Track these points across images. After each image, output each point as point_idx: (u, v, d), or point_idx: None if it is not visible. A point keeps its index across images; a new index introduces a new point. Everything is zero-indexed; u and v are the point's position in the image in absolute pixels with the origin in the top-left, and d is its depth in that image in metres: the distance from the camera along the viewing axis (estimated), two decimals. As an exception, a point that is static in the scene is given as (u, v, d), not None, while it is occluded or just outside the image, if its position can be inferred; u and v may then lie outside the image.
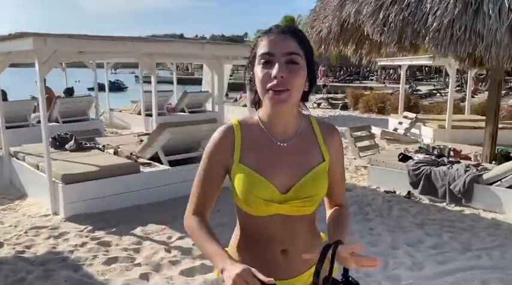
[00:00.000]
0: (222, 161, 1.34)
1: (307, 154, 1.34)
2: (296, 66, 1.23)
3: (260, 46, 1.26)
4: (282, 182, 1.30)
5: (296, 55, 1.23)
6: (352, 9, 4.68)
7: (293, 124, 1.34)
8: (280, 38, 1.24)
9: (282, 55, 1.22)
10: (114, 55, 8.13)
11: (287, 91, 1.22)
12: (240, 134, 1.34)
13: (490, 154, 6.15)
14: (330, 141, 1.38)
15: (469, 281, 3.41)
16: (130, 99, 14.18)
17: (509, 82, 27.69)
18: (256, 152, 1.32)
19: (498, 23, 3.89)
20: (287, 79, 1.21)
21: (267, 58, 1.23)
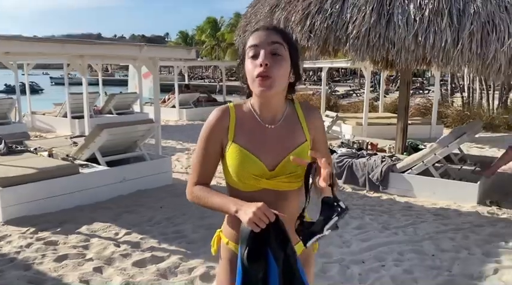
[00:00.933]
0: (219, 138, 1.50)
1: (292, 135, 1.50)
2: (279, 57, 1.38)
3: (248, 41, 1.42)
4: (270, 160, 1.45)
5: (279, 44, 1.39)
6: (281, 16, 5.14)
7: (280, 109, 1.50)
8: (265, 32, 1.42)
9: (268, 45, 1.38)
10: (44, 56, 7.90)
11: (269, 78, 1.36)
12: (235, 115, 1.49)
13: (401, 147, 6.95)
14: (311, 120, 1.55)
15: (388, 253, 3.97)
16: (53, 102, 13.64)
17: (416, 83, 30.37)
18: (248, 133, 1.48)
19: (406, 31, 4.55)
20: (271, 68, 1.36)
21: (254, 50, 1.38)
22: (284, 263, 1.34)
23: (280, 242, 1.34)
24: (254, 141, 1.47)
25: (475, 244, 4.17)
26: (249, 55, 1.40)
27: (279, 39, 1.40)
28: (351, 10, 4.70)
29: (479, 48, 4.36)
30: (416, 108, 13.42)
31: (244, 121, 1.50)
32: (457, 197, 5.47)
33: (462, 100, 14.12)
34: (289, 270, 1.35)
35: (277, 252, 1.34)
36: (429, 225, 4.69)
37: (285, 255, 1.35)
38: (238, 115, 1.50)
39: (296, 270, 1.36)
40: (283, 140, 1.48)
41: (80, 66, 6.84)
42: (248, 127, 1.49)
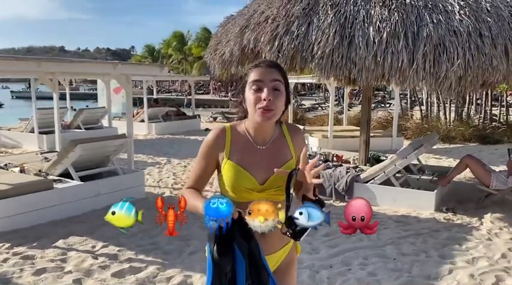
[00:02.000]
0: (215, 154, 1.71)
1: (279, 154, 1.72)
2: (279, 92, 1.63)
3: (251, 75, 1.64)
4: (260, 176, 1.67)
5: (279, 82, 1.63)
6: (251, 37, 5.43)
7: (270, 132, 1.73)
8: (268, 69, 1.64)
9: (270, 81, 1.61)
10: (13, 73, 7.87)
11: (272, 111, 1.61)
12: (231, 136, 1.72)
13: (365, 158, 7.34)
14: (296, 140, 1.78)
15: (354, 258, 4.26)
16: (15, 117, 13.41)
17: (378, 96, 31.43)
18: (241, 152, 1.69)
19: (366, 52, 4.92)
20: (273, 102, 1.60)
21: (258, 84, 1.61)
22: (249, 256, 1.47)
23: (244, 238, 1.46)
24: (247, 159, 1.69)
25: (432, 248, 4.53)
26: (252, 88, 1.62)
27: (279, 76, 1.64)
28: (315, 32, 5.05)
29: (432, 68, 4.79)
30: (378, 121, 14.00)
31: (238, 141, 1.71)
32: (416, 205, 5.86)
33: (421, 114, 14.83)
34: (255, 263, 1.48)
35: (242, 246, 1.46)
36: (391, 231, 5.03)
37: (249, 249, 1.47)
38: (234, 136, 1.72)
39: (261, 262, 1.50)
40: (272, 158, 1.70)
41: (51, 81, 6.89)
42: (242, 146, 1.70)
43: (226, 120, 17.63)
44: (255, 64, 1.68)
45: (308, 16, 5.20)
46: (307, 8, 5.26)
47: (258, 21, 5.50)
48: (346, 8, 5.13)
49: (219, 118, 17.96)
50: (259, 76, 1.62)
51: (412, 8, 5.00)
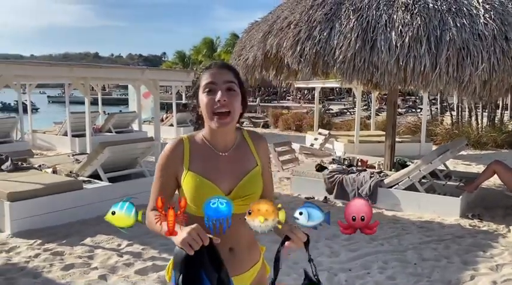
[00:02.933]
0: (173, 168, 1.57)
1: (244, 161, 1.60)
2: (234, 92, 1.53)
3: (203, 78, 1.54)
4: (225, 185, 1.53)
5: (233, 83, 1.53)
6: (274, 42, 5.52)
7: (231, 138, 1.61)
8: (220, 70, 1.54)
9: (223, 83, 1.51)
10: (50, 78, 8.24)
11: (229, 113, 1.50)
12: (189, 146, 1.59)
13: (390, 163, 7.28)
14: (259, 147, 1.67)
15: (373, 262, 4.26)
16: (49, 121, 13.95)
17: (409, 101, 30.92)
18: (203, 161, 1.56)
19: (388, 56, 4.93)
20: (228, 103, 1.49)
21: (211, 87, 1.50)
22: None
23: (215, 266, 1.36)
24: (209, 167, 1.55)
25: (455, 253, 4.47)
26: (205, 90, 1.52)
27: (231, 77, 1.54)
28: (337, 37, 5.10)
29: (456, 72, 4.74)
30: (407, 126, 13.81)
31: (198, 150, 1.59)
32: (441, 211, 5.78)
33: (451, 119, 14.53)
34: None
35: (211, 276, 1.34)
36: (413, 236, 4.99)
37: (219, 279, 1.36)
38: (192, 146, 1.59)
39: None
40: (237, 165, 1.58)
41: (83, 86, 7.17)
42: (202, 155, 1.58)
43: (253, 125, 17.77)
44: (206, 67, 1.60)
45: (330, 21, 5.25)
46: (329, 13, 5.31)
47: (280, 26, 5.59)
48: (368, 12, 5.15)
49: (245, 123, 18.12)
50: (211, 78, 1.52)
51: (435, 12, 4.98)
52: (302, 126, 15.83)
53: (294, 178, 7.07)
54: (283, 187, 7.33)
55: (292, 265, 4.12)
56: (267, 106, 24.69)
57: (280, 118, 17.13)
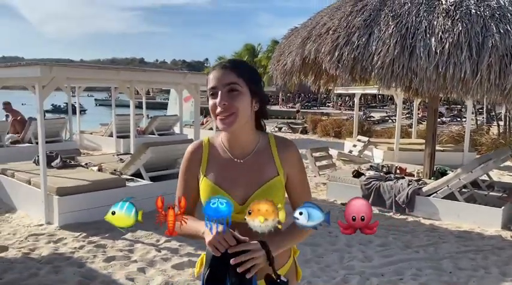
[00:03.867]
0: (194, 170, 1.57)
1: (262, 169, 1.51)
2: (236, 93, 1.43)
3: (208, 82, 1.49)
4: (240, 195, 1.47)
5: (234, 84, 1.44)
6: (312, 48, 5.59)
7: (250, 142, 1.53)
8: (221, 72, 1.46)
9: (223, 86, 1.44)
10: (98, 81, 8.69)
11: (232, 114, 1.43)
12: (208, 150, 1.56)
13: (429, 171, 7.15)
14: (285, 155, 1.54)
15: (407, 269, 4.23)
16: (95, 122, 14.56)
17: (454, 110, 29.98)
18: (219, 168, 1.52)
19: (427, 62, 4.89)
20: (229, 105, 1.42)
21: (213, 91, 1.46)
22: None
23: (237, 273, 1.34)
24: (225, 175, 1.52)
25: (494, 264, 4.36)
26: (210, 94, 1.48)
27: (233, 78, 1.45)
28: (376, 43, 5.10)
29: (498, 79, 4.64)
30: (450, 135, 13.44)
31: (216, 155, 1.56)
32: (481, 221, 5.63)
33: (498, 129, 14.01)
34: None
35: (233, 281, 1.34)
36: (450, 245, 4.89)
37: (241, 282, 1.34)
38: (211, 150, 1.57)
39: None
40: (253, 174, 1.50)
41: (128, 89, 7.51)
42: (219, 161, 1.54)
43: (291, 131, 17.83)
44: (212, 68, 1.52)
45: (369, 27, 5.27)
46: (368, 19, 5.33)
47: (319, 32, 5.66)
48: (408, 19, 5.13)
49: (283, 129, 18.20)
50: (213, 83, 1.47)
51: (478, 18, 4.90)
52: (341, 132, 15.74)
53: (330, 184, 7.08)
54: (319, 192, 7.35)
55: (324, 268, 4.18)
56: (307, 112, 24.66)
57: (319, 124, 17.10)
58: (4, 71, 5.48)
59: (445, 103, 30.86)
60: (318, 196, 7.09)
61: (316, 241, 4.85)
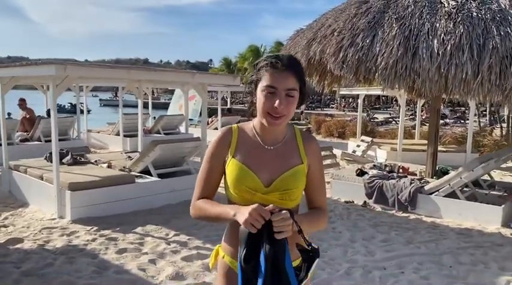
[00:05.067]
0: (222, 154, 1.63)
1: (289, 157, 1.61)
2: (292, 98, 1.53)
3: (264, 77, 1.52)
4: (266, 177, 1.57)
5: (293, 90, 1.52)
6: (317, 49, 5.74)
7: (282, 132, 1.64)
8: (283, 74, 1.50)
9: (284, 90, 1.51)
10: (106, 80, 8.87)
11: (283, 116, 1.53)
12: (237, 135, 1.64)
13: (431, 171, 7.28)
14: (308, 147, 1.66)
15: (408, 263, 4.37)
16: (100, 122, 14.73)
17: (458, 112, 30.01)
18: (248, 151, 1.61)
19: (430, 64, 5.03)
20: (285, 109, 1.51)
21: (270, 90, 1.50)
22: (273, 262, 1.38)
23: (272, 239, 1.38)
24: (253, 158, 1.60)
25: (493, 260, 4.50)
26: (265, 91, 1.52)
27: (293, 83, 1.53)
28: (380, 44, 5.26)
29: (498, 80, 4.78)
30: (453, 136, 13.54)
31: (246, 140, 1.64)
32: (481, 219, 5.76)
33: (501, 130, 14.12)
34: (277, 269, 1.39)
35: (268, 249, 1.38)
36: (451, 242, 5.03)
37: (274, 253, 1.38)
38: (241, 135, 1.65)
39: (284, 270, 1.40)
40: (281, 160, 1.61)
41: (137, 89, 7.68)
42: (249, 145, 1.63)
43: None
44: (271, 64, 1.53)
45: (373, 29, 5.42)
46: (372, 21, 5.48)
47: (324, 34, 5.81)
48: (411, 21, 5.28)
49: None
50: (273, 83, 1.51)
51: (479, 21, 5.04)
52: (345, 133, 15.86)
53: (334, 182, 7.22)
54: (323, 190, 7.49)
55: (328, 261, 4.32)
56: (310, 113, 24.77)
57: (322, 124, 17.24)
58: (19, 70, 5.66)
59: (448, 105, 30.94)
60: (322, 194, 7.23)
61: (321, 236, 4.99)
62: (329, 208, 6.37)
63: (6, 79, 6.25)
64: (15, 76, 6.14)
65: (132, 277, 3.82)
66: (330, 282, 3.84)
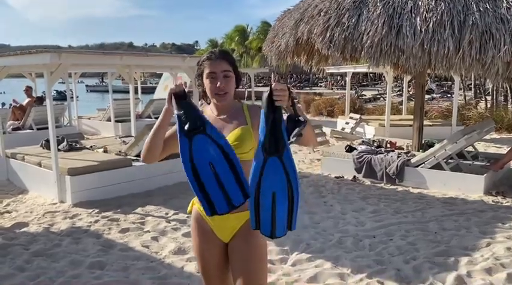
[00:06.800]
0: None
1: (236, 121, 2.05)
2: (229, 78, 2.01)
3: (206, 67, 2.00)
4: None
5: (229, 71, 2.01)
6: (305, 29, 5.89)
7: (229, 107, 2.08)
8: (218, 61, 2.00)
9: (221, 72, 1.99)
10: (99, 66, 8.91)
11: (226, 93, 2.01)
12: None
13: (418, 144, 7.55)
14: (252, 112, 2.06)
15: (396, 231, 4.64)
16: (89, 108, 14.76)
17: (445, 86, 30.41)
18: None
19: (413, 41, 5.22)
20: (226, 87, 2.00)
21: (212, 75, 1.99)
22: (272, 125, 1.75)
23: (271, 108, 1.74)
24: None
25: (475, 225, 4.79)
26: (208, 77, 2.01)
27: (228, 67, 2.01)
28: (365, 23, 5.42)
29: (478, 54, 5.00)
30: (439, 111, 13.85)
31: (206, 116, 2.00)
32: (465, 188, 6.06)
33: (486, 103, 14.45)
34: (275, 131, 1.75)
35: (267, 114, 1.75)
36: (436, 210, 5.32)
37: (274, 118, 1.75)
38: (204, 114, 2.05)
39: (280, 133, 1.75)
40: (229, 124, 2.07)
41: (127, 74, 7.77)
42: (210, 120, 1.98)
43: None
44: (207, 57, 2.03)
45: (358, 8, 5.58)
46: (357, 1, 5.63)
47: (311, 14, 5.95)
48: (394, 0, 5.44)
49: (278, 109, 18.50)
50: (212, 69, 1.99)
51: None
52: (334, 111, 16.09)
53: (324, 159, 7.46)
54: (314, 167, 7.74)
55: (321, 232, 4.57)
56: (299, 93, 24.93)
57: (311, 103, 17.44)
58: (13, 59, 5.74)
59: (435, 80, 31.30)
60: (313, 170, 7.48)
61: (313, 210, 5.25)
62: (320, 184, 6.63)
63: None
64: (8, 66, 6.21)
65: (137, 253, 4.04)
66: (323, 251, 4.09)
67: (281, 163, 1.78)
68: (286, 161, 1.78)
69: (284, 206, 1.80)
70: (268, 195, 1.79)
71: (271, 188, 1.79)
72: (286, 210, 1.81)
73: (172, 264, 3.83)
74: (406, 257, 3.94)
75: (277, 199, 1.79)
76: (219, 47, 3.88)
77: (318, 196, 5.97)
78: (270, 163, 1.78)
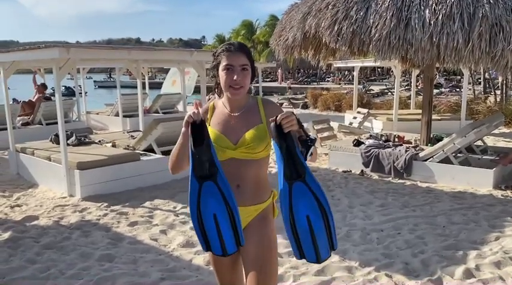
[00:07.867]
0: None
1: (250, 119, 2.00)
2: (246, 72, 1.96)
3: (223, 60, 1.95)
4: (234, 137, 1.98)
5: (246, 65, 1.95)
6: (313, 23, 5.87)
7: (243, 102, 2.03)
8: (236, 54, 1.94)
9: (239, 66, 1.93)
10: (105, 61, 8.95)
11: (242, 87, 1.95)
12: (213, 109, 2.08)
13: (426, 138, 7.51)
14: (268, 109, 2.03)
15: (404, 224, 4.63)
16: (98, 103, 14.82)
17: (454, 81, 30.15)
18: (219, 120, 2.04)
19: (422, 33, 5.18)
20: (242, 81, 1.94)
21: (228, 67, 1.93)
22: (287, 152, 1.80)
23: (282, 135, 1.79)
24: (223, 124, 2.04)
25: (484, 219, 4.76)
26: (225, 69, 1.95)
27: (246, 61, 1.96)
28: (373, 16, 5.39)
29: (488, 47, 4.94)
30: (448, 105, 13.75)
31: (218, 112, 2.08)
32: (474, 182, 6.02)
33: (495, 97, 14.31)
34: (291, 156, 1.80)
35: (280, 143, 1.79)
36: (445, 204, 5.29)
37: (287, 145, 1.79)
38: (216, 109, 2.09)
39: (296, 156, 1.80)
40: (244, 122, 2.02)
41: (135, 69, 7.79)
42: (220, 115, 2.06)
43: (292, 106, 18.12)
44: (226, 49, 1.97)
45: (366, 1, 5.54)
46: (365, -6, 5.59)
47: (319, 7, 5.92)
48: (403, -8, 5.39)
49: (284, 104, 18.48)
50: (229, 61, 1.94)
51: (469, -11, 5.16)
52: (341, 106, 16.03)
53: (332, 153, 7.44)
54: (322, 162, 7.72)
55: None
56: (306, 88, 24.86)
57: (319, 98, 17.38)
58: (22, 54, 5.78)
59: (444, 74, 31.04)
60: (321, 165, 7.47)
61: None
62: (328, 178, 6.62)
63: (7, 64, 6.37)
64: (17, 61, 6.25)
65: (146, 246, 4.07)
66: (331, 244, 4.09)
67: (306, 185, 1.82)
68: (310, 183, 1.82)
69: (320, 224, 1.83)
70: (303, 220, 1.82)
71: (304, 212, 1.82)
72: (324, 228, 1.83)
73: (180, 257, 3.86)
74: (414, 250, 3.93)
75: (312, 221, 1.82)
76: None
77: (326, 190, 5.96)
78: (295, 189, 1.82)
